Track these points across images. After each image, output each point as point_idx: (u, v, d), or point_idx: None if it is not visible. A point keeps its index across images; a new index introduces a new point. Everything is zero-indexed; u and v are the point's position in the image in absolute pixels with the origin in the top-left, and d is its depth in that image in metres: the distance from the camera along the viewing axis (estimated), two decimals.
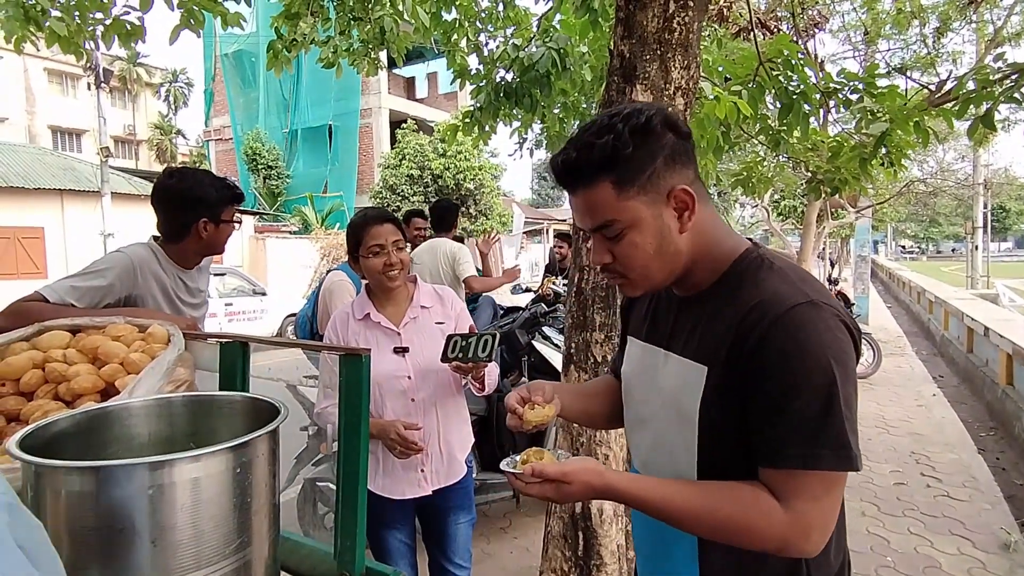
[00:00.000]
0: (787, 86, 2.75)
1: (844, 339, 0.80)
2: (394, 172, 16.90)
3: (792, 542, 0.79)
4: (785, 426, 0.78)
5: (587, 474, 0.85)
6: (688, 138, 0.88)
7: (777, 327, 0.78)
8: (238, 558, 0.82)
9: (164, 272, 1.75)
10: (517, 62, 3.46)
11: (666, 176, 0.85)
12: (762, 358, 0.79)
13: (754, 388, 0.80)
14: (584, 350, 2.10)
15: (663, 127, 0.85)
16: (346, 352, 1.12)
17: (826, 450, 0.76)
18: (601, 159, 0.83)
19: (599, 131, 0.84)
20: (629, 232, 0.86)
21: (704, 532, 0.84)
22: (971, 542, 3.10)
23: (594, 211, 0.87)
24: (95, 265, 1.65)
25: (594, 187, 0.85)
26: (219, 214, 1.77)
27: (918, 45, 6.82)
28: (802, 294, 0.81)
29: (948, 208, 24.10)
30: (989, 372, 5.98)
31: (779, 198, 10.91)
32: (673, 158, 0.85)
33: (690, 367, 0.88)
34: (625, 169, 0.83)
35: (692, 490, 0.84)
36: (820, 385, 0.76)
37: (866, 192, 7.53)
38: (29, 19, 2.76)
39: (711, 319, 0.87)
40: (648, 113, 0.84)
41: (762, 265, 0.87)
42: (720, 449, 0.86)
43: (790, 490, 0.78)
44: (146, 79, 34.32)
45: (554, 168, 0.89)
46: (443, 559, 1.88)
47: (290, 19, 3.41)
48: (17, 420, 1.16)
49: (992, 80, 2.51)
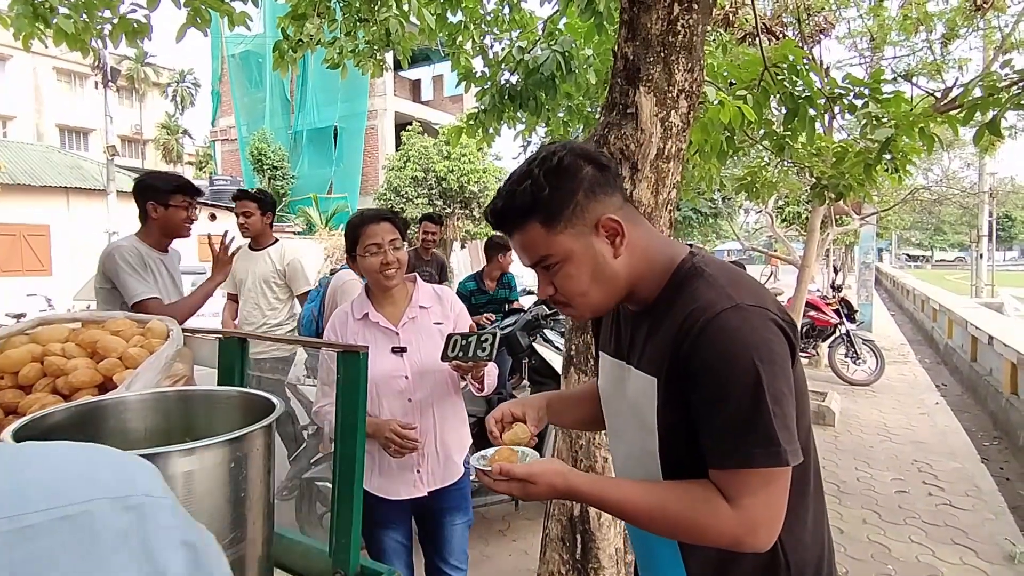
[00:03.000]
0: (792, 91, 2.74)
1: (772, 337, 0.83)
2: (398, 174, 16.93)
3: (741, 538, 0.82)
4: (719, 428, 0.82)
5: (551, 475, 0.90)
6: (607, 168, 0.93)
7: (704, 334, 0.82)
8: (231, 553, 0.82)
9: (147, 254, 2.24)
10: (522, 65, 3.46)
11: (590, 208, 0.90)
12: (695, 365, 0.83)
13: (692, 393, 0.85)
14: (584, 352, 2.10)
15: (581, 162, 0.90)
16: (344, 350, 1.11)
17: (757, 448, 0.80)
18: (524, 205, 0.90)
19: (519, 179, 0.91)
20: (564, 265, 0.91)
21: (660, 530, 0.88)
22: (974, 552, 3.07)
23: (529, 250, 0.93)
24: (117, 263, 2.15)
25: (524, 229, 0.91)
26: (166, 199, 2.24)
27: (925, 52, 6.79)
28: (728, 298, 0.84)
29: (953, 216, 23.99)
30: (993, 381, 5.94)
31: (783, 204, 10.87)
32: (593, 190, 0.90)
33: (645, 379, 0.92)
34: (547, 210, 0.89)
35: (646, 490, 0.88)
36: (746, 386, 0.80)
37: (871, 199, 7.49)
38: (37, 16, 2.77)
39: (655, 331, 0.92)
40: (560, 154, 0.90)
41: (694, 273, 0.91)
42: (679, 455, 0.90)
43: (733, 489, 0.82)
44: (154, 79, 34.50)
45: (487, 217, 0.96)
46: (439, 560, 1.87)
47: (296, 20, 3.42)
48: (15, 413, 1.15)
49: (999, 87, 2.50)
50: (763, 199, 5.05)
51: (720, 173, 4.54)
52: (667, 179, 1.96)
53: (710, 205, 17.01)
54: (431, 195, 16.71)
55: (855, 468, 4.26)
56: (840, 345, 7.02)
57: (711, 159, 3.07)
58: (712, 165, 3.52)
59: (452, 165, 16.45)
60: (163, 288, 2.24)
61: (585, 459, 2.09)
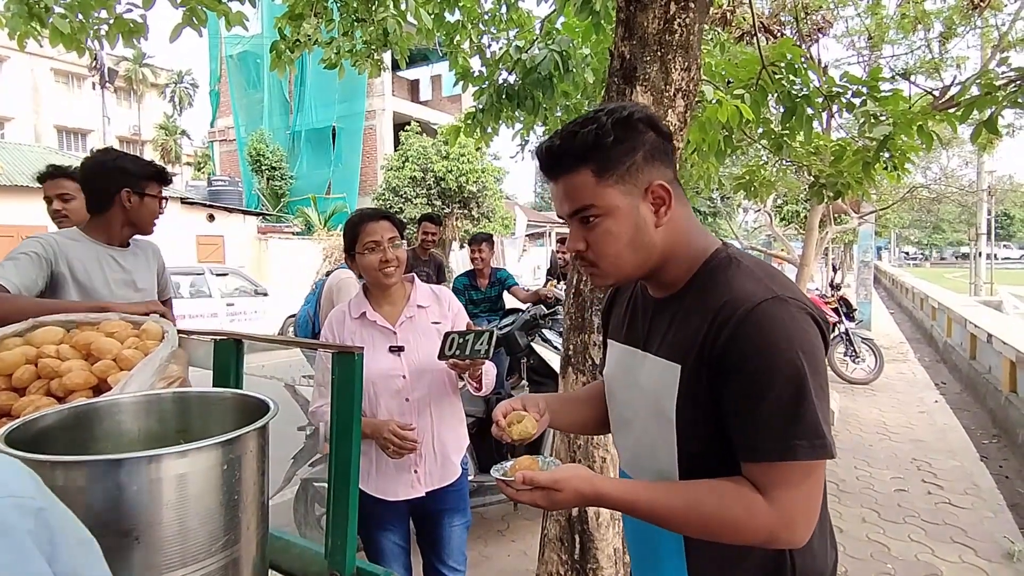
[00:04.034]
0: (790, 90, 2.74)
1: (811, 331, 0.82)
2: (397, 174, 16.92)
3: (778, 533, 0.81)
4: (760, 420, 0.80)
5: (577, 481, 0.87)
6: (669, 139, 0.91)
7: (745, 324, 0.81)
8: (225, 555, 0.82)
9: (86, 249, 1.83)
10: (519, 64, 3.45)
11: (645, 170, 0.88)
12: (733, 355, 0.81)
13: (727, 384, 0.82)
14: (582, 352, 2.09)
15: (645, 125, 0.88)
16: (339, 350, 1.11)
17: (801, 440, 0.78)
18: (583, 147, 0.87)
19: (584, 122, 0.88)
20: (605, 219, 0.88)
21: (692, 531, 0.86)
22: (973, 550, 3.07)
23: (573, 196, 0.89)
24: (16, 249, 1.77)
25: (575, 173, 0.88)
26: (142, 187, 1.88)
27: (923, 50, 6.80)
28: (768, 290, 0.83)
29: (952, 214, 24.02)
30: (992, 379, 5.95)
31: (782, 203, 10.89)
32: (653, 155, 0.89)
33: (665, 366, 0.90)
34: (606, 158, 0.87)
35: (676, 491, 0.85)
36: (790, 377, 0.79)
37: (869, 198, 7.50)
38: (33, 16, 2.76)
39: (684, 318, 0.90)
40: (632, 109, 0.88)
41: (730, 264, 0.89)
42: (698, 445, 0.88)
43: (770, 482, 0.80)
44: (151, 80, 34.47)
45: (539, 154, 0.92)
46: (437, 562, 1.87)
47: (294, 20, 3.41)
48: (8, 415, 1.15)
49: (996, 85, 2.50)
50: (762, 198, 5.05)
51: (718, 172, 4.53)
52: None
53: (709, 204, 17.02)
54: (430, 195, 16.70)
55: (854, 467, 4.25)
56: (839, 344, 7.02)
57: (709, 158, 3.06)
58: (710, 164, 3.51)
59: (450, 165, 16.45)
60: (110, 288, 1.83)
61: (584, 459, 2.08)
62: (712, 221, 22.71)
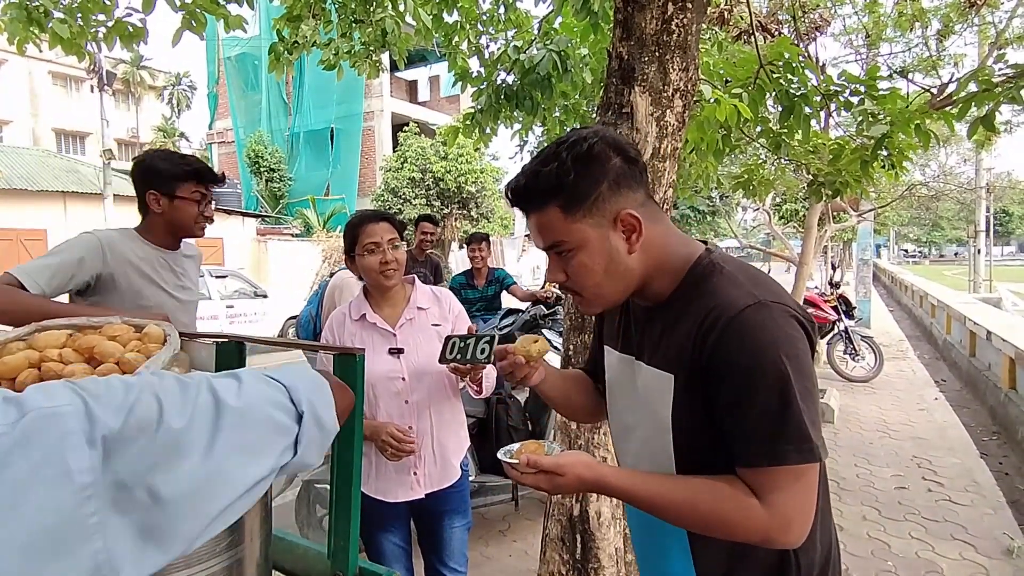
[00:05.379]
0: (788, 89, 2.75)
1: (796, 335, 0.83)
2: (396, 175, 16.93)
3: (773, 535, 0.82)
4: (748, 426, 0.82)
5: (580, 467, 0.89)
6: (635, 161, 0.91)
7: (728, 332, 0.82)
8: (229, 556, 0.82)
9: (140, 251, 1.79)
10: (518, 64, 3.46)
11: (611, 200, 0.89)
12: (719, 363, 0.83)
13: (716, 392, 0.84)
14: (582, 352, 2.10)
15: (610, 151, 0.88)
16: (340, 352, 1.11)
17: (789, 446, 0.79)
18: (547, 186, 0.88)
19: (545, 159, 0.89)
20: (578, 253, 0.90)
21: (689, 525, 0.88)
22: (973, 547, 3.08)
23: (544, 232, 0.92)
24: (64, 243, 1.70)
25: (543, 211, 0.90)
26: (172, 188, 1.78)
27: (920, 48, 6.81)
28: (750, 296, 0.84)
29: (951, 212, 24.03)
30: (992, 376, 5.96)
31: (780, 201, 10.90)
32: (618, 182, 0.89)
33: (659, 376, 0.92)
34: (570, 195, 0.88)
35: (676, 484, 0.87)
36: (775, 383, 0.79)
37: (868, 196, 7.51)
38: (32, 20, 2.76)
39: (672, 328, 0.91)
40: (591, 141, 0.88)
41: (714, 271, 0.90)
42: (695, 452, 0.90)
43: (762, 486, 0.82)
44: (149, 82, 34.47)
45: (507, 194, 0.94)
46: (438, 563, 1.87)
47: (292, 21, 3.42)
48: None
49: (994, 81, 2.50)
50: (760, 197, 5.06)
51: (717, 171, 4.54)
52: (663, 178, 1.96)
53: (708, 203, 17.04)
54: (429, 196, 16.71)
55: (854, 465, 4.26)
56: (838, 342, 7.03)
57: (707, 157, 3.07)
58: (709, 163, 3.53)
59: (449, 165, 16.46)
60: (165, 293, 1.82)
61: None
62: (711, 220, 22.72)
